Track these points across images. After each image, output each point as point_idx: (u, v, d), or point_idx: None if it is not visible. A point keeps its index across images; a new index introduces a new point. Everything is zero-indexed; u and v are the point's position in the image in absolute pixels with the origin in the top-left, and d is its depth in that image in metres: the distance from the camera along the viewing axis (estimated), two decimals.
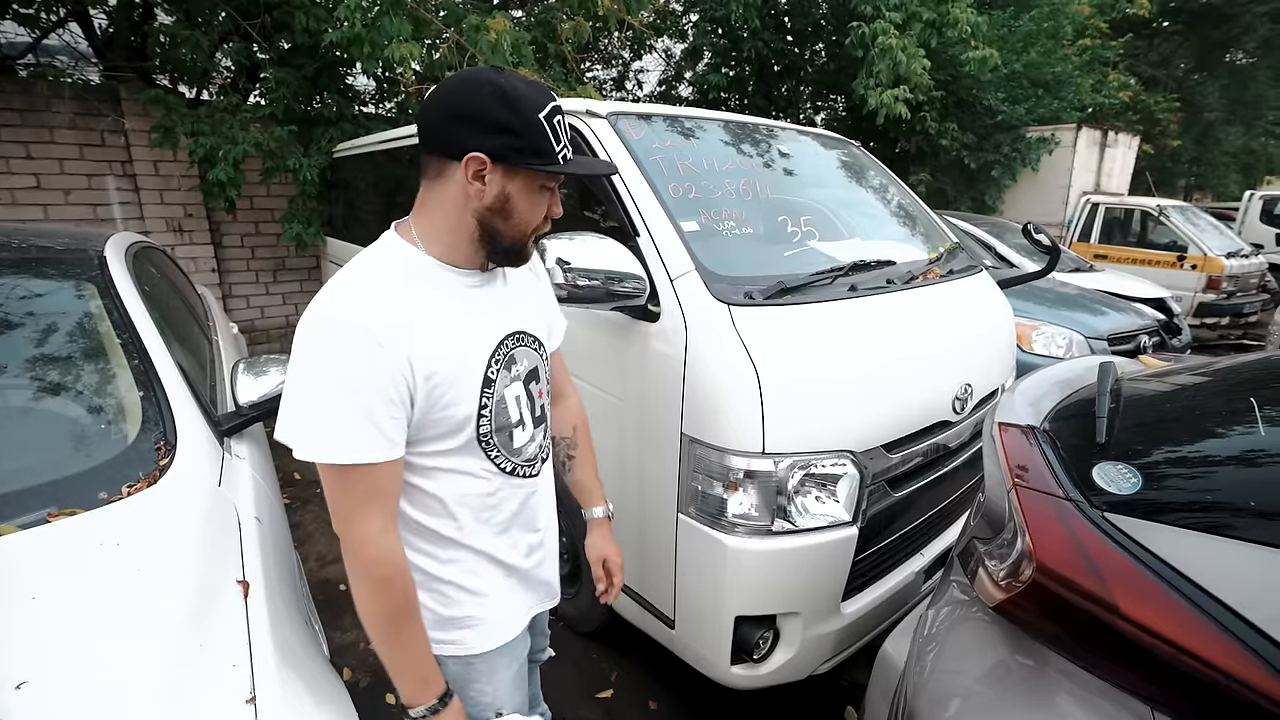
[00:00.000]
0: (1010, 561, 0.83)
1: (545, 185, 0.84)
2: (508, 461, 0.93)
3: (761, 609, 1.48)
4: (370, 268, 0.82)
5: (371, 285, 0.79)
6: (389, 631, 0.82)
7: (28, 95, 3.86)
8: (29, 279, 1.52)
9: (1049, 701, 0.76)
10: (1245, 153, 14.55)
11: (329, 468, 0.77)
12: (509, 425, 0.92)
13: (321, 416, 0.75)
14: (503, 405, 0.90)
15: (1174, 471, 0.85)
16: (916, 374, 1.64)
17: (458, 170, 0.79)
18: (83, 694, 0.72)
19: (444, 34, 3.58)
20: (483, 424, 0.88)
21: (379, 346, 0.75)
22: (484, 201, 0.81)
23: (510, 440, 0.92)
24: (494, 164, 0.78)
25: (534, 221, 0.85)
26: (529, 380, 0.95)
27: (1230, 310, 6.28)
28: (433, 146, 0.81)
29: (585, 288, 1.39)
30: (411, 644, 0.84)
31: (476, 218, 0.82)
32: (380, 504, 0.80)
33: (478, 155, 0.77)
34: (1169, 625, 0.62)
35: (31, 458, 1.15)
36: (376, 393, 0.75)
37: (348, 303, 0.77)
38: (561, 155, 0.81)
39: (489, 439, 0.89)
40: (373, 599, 0.81)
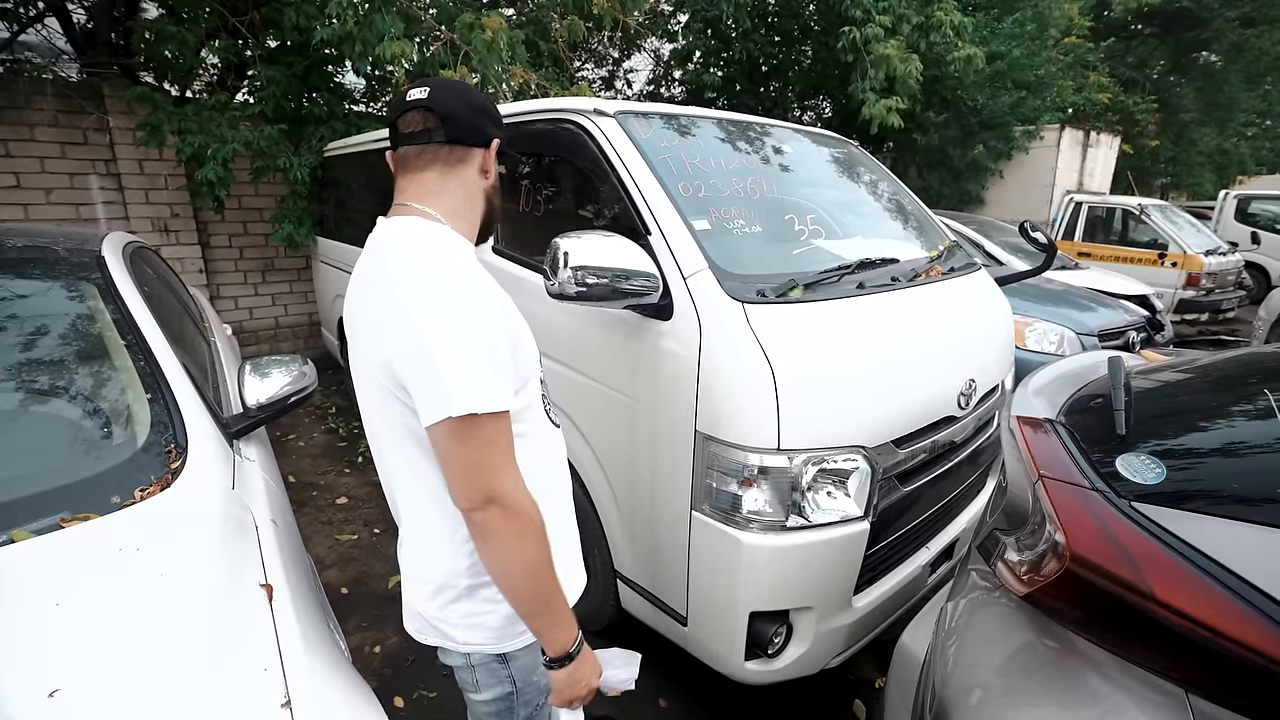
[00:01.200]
0: (1038, 551, 0.85)
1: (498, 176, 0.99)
2: (552, 409, 1.02)
3: (776, 604, 1.49)
4: (443, 238, 0.88)
5: (456, 251, 0.86)
6: (549, 577, 0.84)
7: (6, 92, 3.76)
8: (28, 281, 1.48)
9: (1081, 684, 0.77)
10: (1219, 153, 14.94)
11: (487, 423, 0.77)
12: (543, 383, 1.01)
13: (475, 370, 0.77)
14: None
15: (1197, 461, 0.87)
16: (923, 370, 1.66)
17: (478, 157, 0.93)
18: (116, 701, 0.71)
19: (436, 32, 3.55)
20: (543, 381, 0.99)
21: (496, 306, 0.83)
22: (491, 181, 0.96)
23: (542, 383, 1.00)
24: (498, 151, 0.95)
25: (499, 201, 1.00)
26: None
27: (1209, 306, 6.44)
28: (460, 136, 0.90)
29: (596, 286, 1.39)
30: (559, 589, 0.87)
31: (486, 197, 0.96)
32: (513, 455, 0.83)
33: (495, 141, 0.94)
34: (1205, 609, 0.64)
35: (40, 462, 1.13)
36: (503, 345, 0.82)
37: (453, 267, 0.82)
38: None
39: (544, 388, 0.99)
40: (540, 545, 0.82)
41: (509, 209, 2.08)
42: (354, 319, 0.92)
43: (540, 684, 1.02)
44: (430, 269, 0.81)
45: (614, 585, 1.86)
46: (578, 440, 1.81)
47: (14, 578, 0.88)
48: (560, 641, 0.88)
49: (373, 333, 0.85)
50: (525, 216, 2.03)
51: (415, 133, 0.89)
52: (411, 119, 0.90)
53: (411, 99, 0.89)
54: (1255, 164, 15.79)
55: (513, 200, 2.10)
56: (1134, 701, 0.74)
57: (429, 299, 0.78)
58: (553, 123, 1.84)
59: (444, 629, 0.94)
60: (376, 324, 0.84)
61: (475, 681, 0.99)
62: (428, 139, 0.89)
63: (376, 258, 0.89)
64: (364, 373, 0.89)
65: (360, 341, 0.90)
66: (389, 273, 0.84)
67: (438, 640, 0.97)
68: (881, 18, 5.44)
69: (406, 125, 0.90)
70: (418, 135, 0.89)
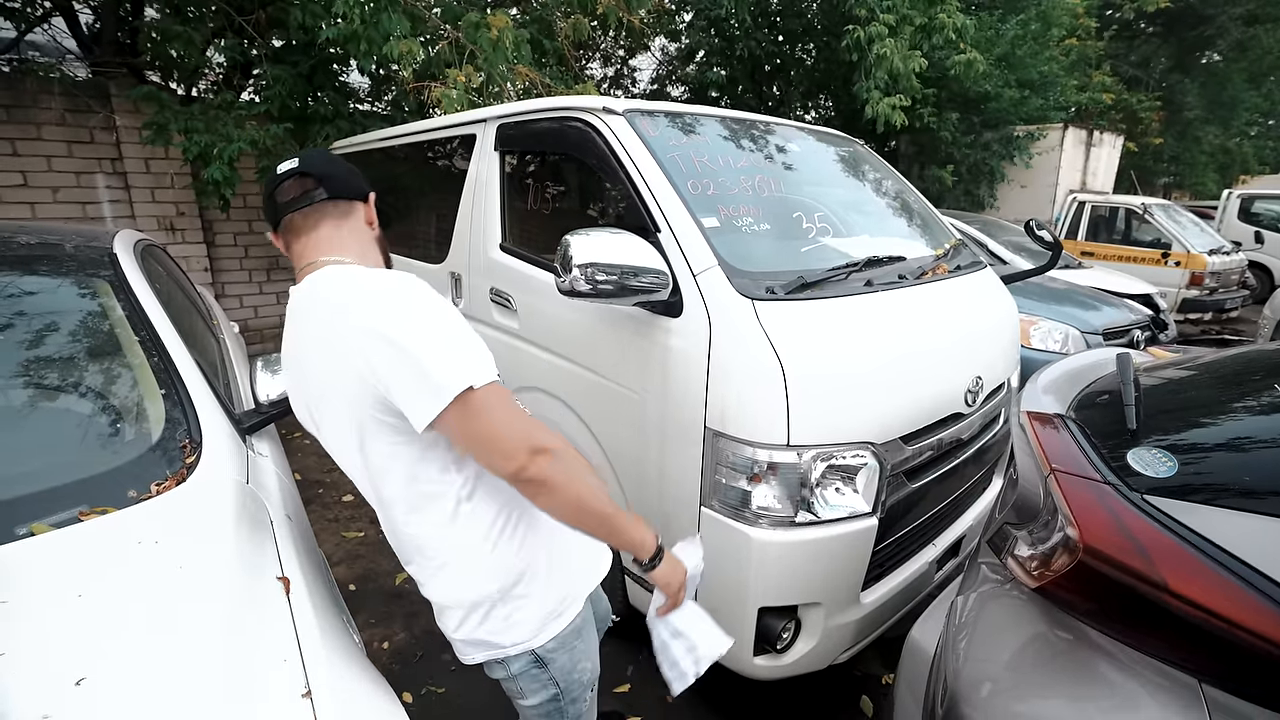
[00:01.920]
0: (1050, 545, 0.85)
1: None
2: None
3: (784, 600, 1.49)
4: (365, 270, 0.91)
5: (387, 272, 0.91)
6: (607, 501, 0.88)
7: (14, 91, 3.78)
8: (42, 278, 1.49)
9: (1094, 675, 0.78)
10: (1222, 152, 14.91)
11: (491, 392, 0.80)
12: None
13: (458, 352, 0.81)
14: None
15: (1208, 454, 0.88)
16: (930, 367, 1.67)
17: (360, 209, 1.00)
18: (141, 690, 0.72)
19: (441, 30, 3.56)
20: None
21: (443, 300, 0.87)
22: (377, 233, 1.03)
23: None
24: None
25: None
26: None
27: (1213, 306, 6.44)
28: (340, 191, 0.96)
29: (605, 283, 1.40)
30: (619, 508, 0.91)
31: (379, 247, 1.03)
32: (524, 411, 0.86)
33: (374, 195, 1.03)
34: (1218, 600, 0.65)
35: (57, 457, 1.14)
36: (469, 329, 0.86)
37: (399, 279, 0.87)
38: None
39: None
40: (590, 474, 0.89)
41: (517, 207, 2.09)
42: (304, 381, 0.92)
43: (583, 679, 1.07)
44: (371, 286, 0.85)
45: (621, 580, 1.87)
46: (586, 437, 1.82)
47: (37, 570, 0.89)
48: (648, 544, 0.95)
49: (332, 378, 0.86)
50: (533, 215, 2.04)
51: (296, 198, 0.93)
52: (289, 188, 0.94)
53: (283, 171, 0.95)
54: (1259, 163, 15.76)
55: (521, 198, 2.11)
56: (1147, 691, 0.74)
57: (384, 308, 0.81)
58: (560, 121, 1.85)
59: (487, 639, 0.98)
60: (333, 367, 0.85)
61: (520, 689, 1.05)
62: (310, 200, 0.93)
63: (308, 309, 0.90)
64: (336, 426, 0.90)
65: (320, 397, 0.90)
66: (331, 306, 0.86)
67: (484, 655, 1.01)
68: (885, 16, 5.44)
69: (285, 194, 0.94)
70: (299, 200, 0.93)
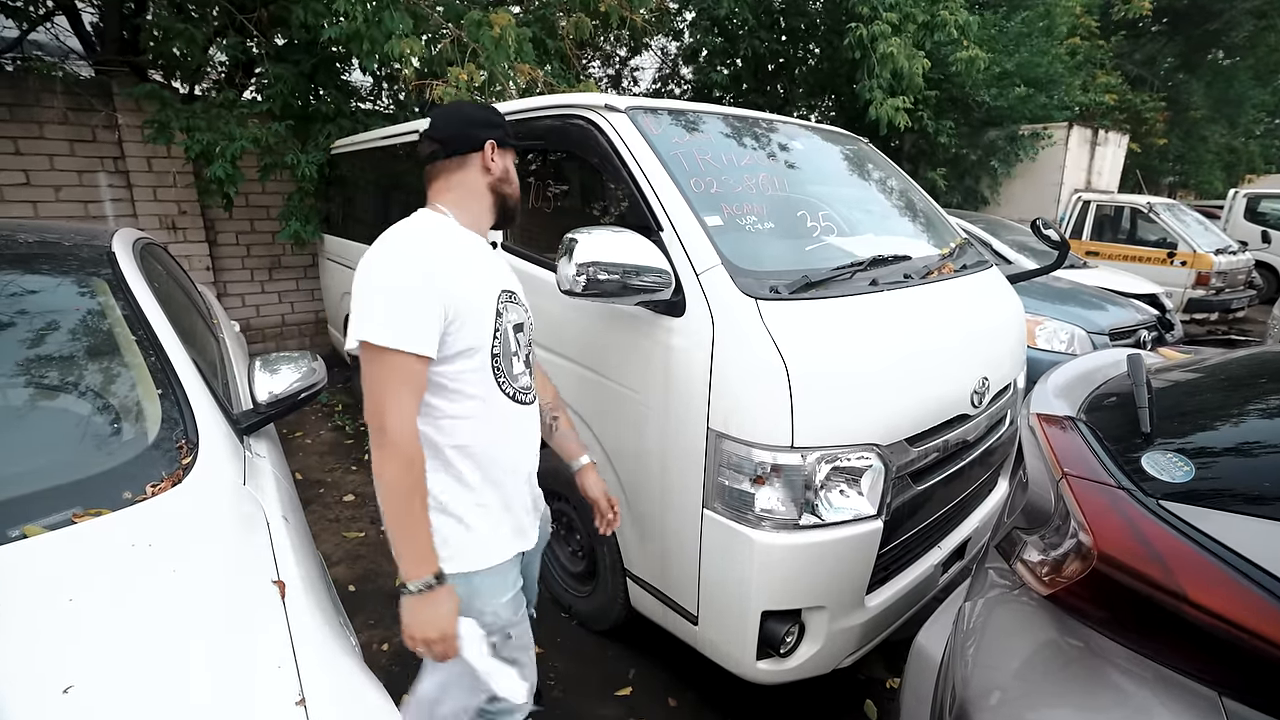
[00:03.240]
0: (1062, 551, 0.83)
1: (514, 160, 1.21)
2: (509, 385, 1.16)
3: (788, 603, 1.47)
4: (422, 223, 1.10)
5: (425, 232, 1.08)
6: (405, 506, 0.99)
7: (16, 90, 3.77)
8: (39, 276, 1.48)
9: (1106, 685, 0.76)
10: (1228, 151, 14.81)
11: (379, 353, 0.97)
12: (509, 353, 1.16)
13: (382, 312, 0.98)
14: (505, 336, 1.14)
15: (1227, 459, 0.86)
16: (936, 368, 1.64)
17: (478, 157, 1.15)
18: (131, 698, 0.70)
19: (444, 29, 3.54)
20: (495, 345, 1.11)
21: (430, 273, 1.01)
22: (495, 174, 1.16)
23: (511, 367, 1.16)
24: (499, 147, 1.15)
25: (517, 191, 1.21)
26: (517, 330, 1.20)
27: (1219, 306, 6.38)
28: (455, 147, 1.14)
29: (607, 282, 1.38)
30: (419, 523, 1.01)
31: (491, 190, 1.17)
32: (413, 394, 1.01)
33: (492, 140, 1.14)
34: (1240, 610, 0.63)
35: (51, 457, 1.12)
36: (424, 303, 0.99)
37: (409, 240, 1.05)
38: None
39: (498, 362, 1.12)
40: (401, 474, 0.98)
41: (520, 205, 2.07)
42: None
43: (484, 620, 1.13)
44: (387, 238, 1.05)
45: (623, 583, 1.85)
46: (588, 437, 1.80)
47: (28, 573, 0.87)
48: (407, 571, 1.00)
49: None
50: (535, 213, 2.02)
51: (426, 156, 1.16)
52: (423, 146, 1.16)
53: (421, 131, 1.17)
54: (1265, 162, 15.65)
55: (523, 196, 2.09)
56: (1162, 702, 0.72)
57: (371, 256, 1.02)
58: (563, 118, 1.83)
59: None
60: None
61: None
62: (434, 159, 1.15)
63: None
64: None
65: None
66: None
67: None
68: (889, 14, 5.41)
69: (421, 152, 1.17)
70: (427, 159, 1.16)
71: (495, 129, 1.15)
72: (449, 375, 1.07)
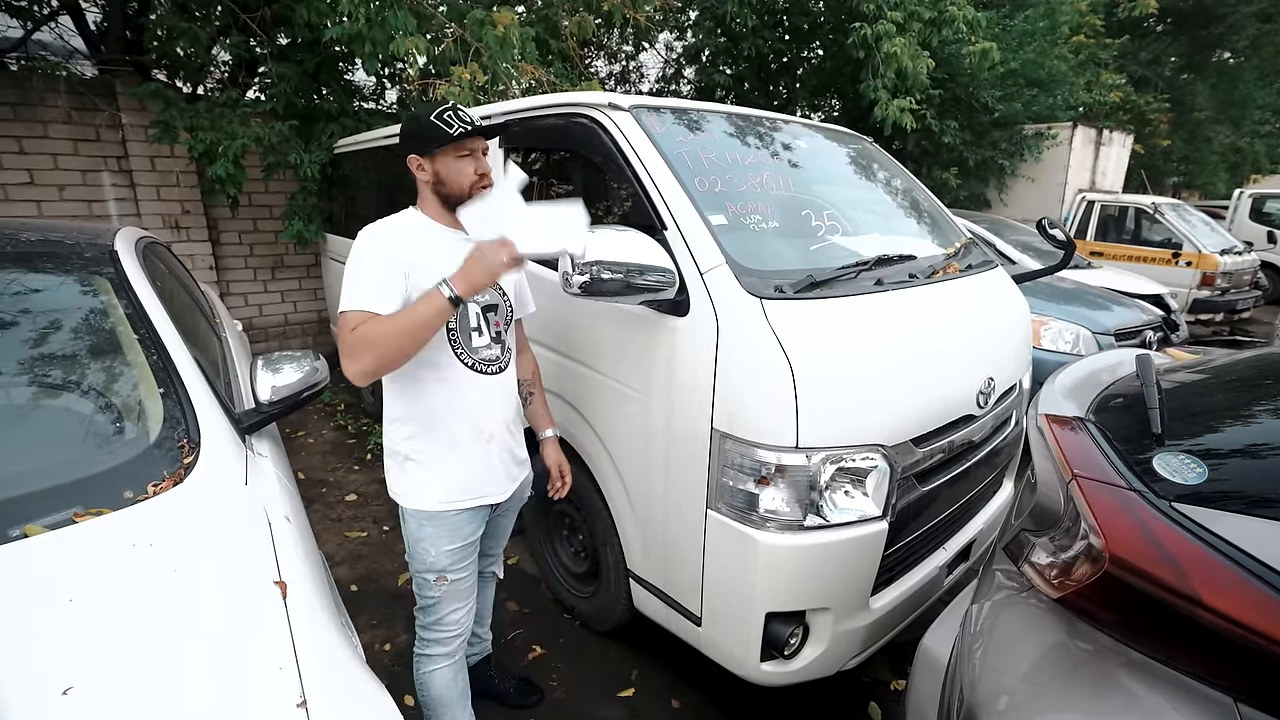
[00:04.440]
0: (1072, 553, 0.82)
1: (460, 154, 1.27)
2: (468, 356, 1.32)
3: (792, 605, 1.46)
4: (393, 217, 1.31)
5: (393, 224, 1.29)
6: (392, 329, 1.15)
7: (20, 89, 3.77)
8: (42, 275, 1.48)
9: (1117, 689, 0.75)
10: (1233, 151, 14.74)
11: (349, 319, 1.18)
12: (467, 328, 1.32)
13: (355, 287, 1.19)
14: (463, 311, 1.31)
15: (1240, 460, 0.84)
16: (942, 368, 1.63)
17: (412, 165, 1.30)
18: (131, 699, 0.70)
19: (446, 28, 3.54)
20: (451, 321, 1.26)
21: (388, 253, 1.22)
22: (427, 180, 1.29)
23: (469, 339, 1.32)
24: (420, 157, 1.28)
25: (465, 181, 1.28)
26: (487, 310, 1.35)
27: (1224, 307, 6.35)
28: (401, 155, 1.31)
29: (610, 281, 1.37)
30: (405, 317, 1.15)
31: (433, 191, 1.30)
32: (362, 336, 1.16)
33: (410, 156, 1.29)
34: (1257, 615, 0.62)
35: (52, 457, 1.12)
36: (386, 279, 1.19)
37: (378, 231, 1.25)
38: (456, 132, 1.23)
39: (454, 335, 1.30)
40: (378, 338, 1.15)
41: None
42: None
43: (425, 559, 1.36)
44: (363, 233, 1.25)
45: (626, 584, 1.84)
46: (590, 437, 1.79)
47: (28, 573, 0.87)
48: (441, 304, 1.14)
49: None
50: None
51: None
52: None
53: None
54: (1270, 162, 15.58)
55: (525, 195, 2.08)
56: (1174, 707, 0.71)
57: (352, 251, 1.24)
58: (566, 117, 1.82)
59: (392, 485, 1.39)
60: None
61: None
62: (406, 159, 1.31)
63: None
64: None
65: None
66: None
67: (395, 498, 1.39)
68: (893, 13, 5.39)
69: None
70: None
71: (413, 142, 1.27)
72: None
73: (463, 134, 1.24)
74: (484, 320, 1.34)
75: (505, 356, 1.39)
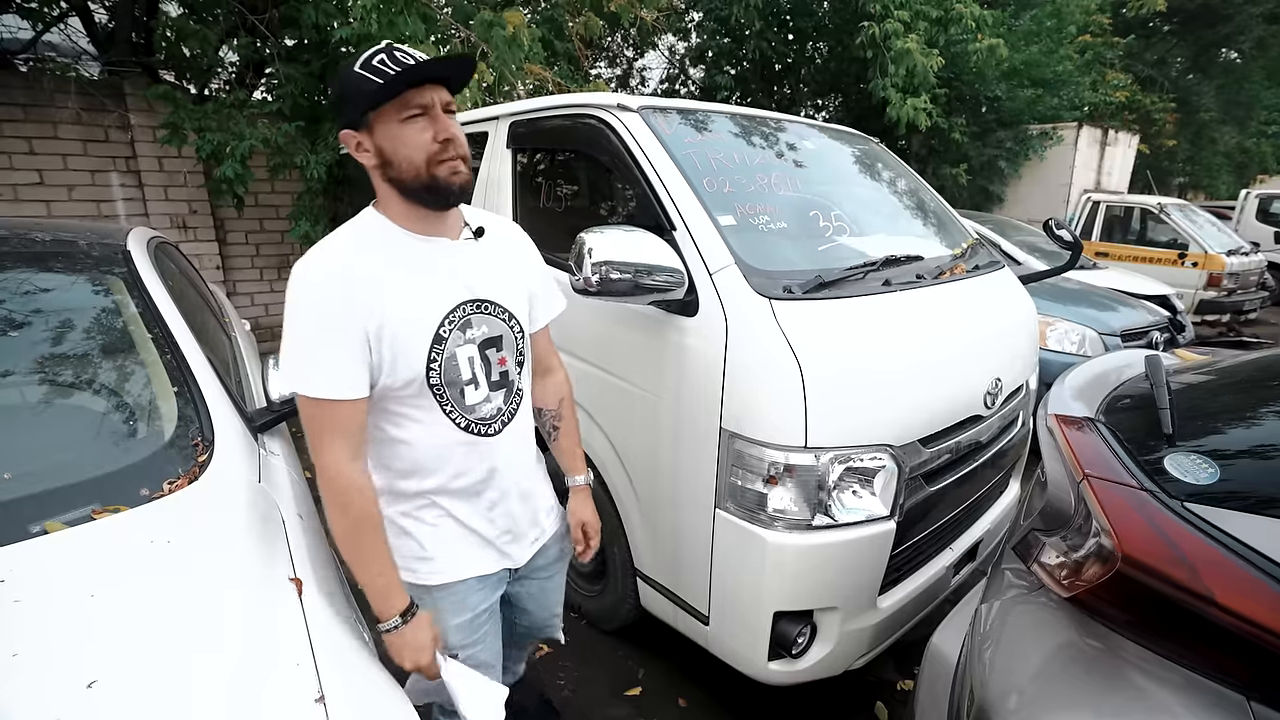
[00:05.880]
0: (1083, 553, 0.83)
1: (405, 117, 0.87)
2: (461, 417, 1.01)
3: (800, 604, 1.47)
4: (349, 233, 0.94)
5: (339, 247, 0.91)
6: (351, 544, 0.94)
7: (31, 90, 3.81)
8: (56, 275, 1.49)
9: (1128, 687, 0.75)
10: (1239, 152, 14.68)
11: (302, 399, 0.89)
12: (459, 381, 0.99)
13: (299, 354, 0.88)
14: (453, 362, 0.97)
15: (1252, 460, 0.85)
16: (950, 369, 1.64)
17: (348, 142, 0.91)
18: (154, 693, 0.71)
19: (452, 29, 3.55)
20: (432, 376, 0.96)
21: (348, 299, 0.87)
22: (374, 163, 0.91)
23: (462, 396, 1.00)
24: (355, 131, 0.89)
25: (417, 154, 0.88)
26: (487, 346, 1.02)
27: (1231, 307, 6.33)
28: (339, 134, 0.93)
29: (620, 281, 1.38)
30: (374, 559, 0.94)
31: (383, 178, 0.91)
32: (345, 436, 0.91)
33: (343, 133, 0.90)
34: (1270, 614, 0.62)
35: (71, 455, 1.13)
36: (343, 339, 0.87)
37: (316, 263, 0.89)
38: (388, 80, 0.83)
39: (441, 392, 0.98)
40: (338, 517, 0.93)
41: (530, 205, 2.07)
42: None
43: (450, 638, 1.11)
44: (297, 266, 0.90)
45: (634, 583, 1.85)
46: (599, 437, 1.80)
47: (50, 569, 0.88)
48: (375, 609, 0.96)
49: None
50: (546, 213, 2.02)
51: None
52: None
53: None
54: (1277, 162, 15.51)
55: (533, 197, 2.09)
56: (1186, 705, 0.71)
57: (288, 290, 0.89)
58: (574, 118, 1.83)
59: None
60: None
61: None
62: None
63: None
64: None
65: None
66: None
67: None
68: (900, 12, 5.39)
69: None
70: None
71: (342, 111, 0.89)
72: (388, 400, 0.97)
73: (399, 81, 0.83)
74: (483, 365, 1.02)
75: (514, 401, 1.08)
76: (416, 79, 0.85)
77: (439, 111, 0.89)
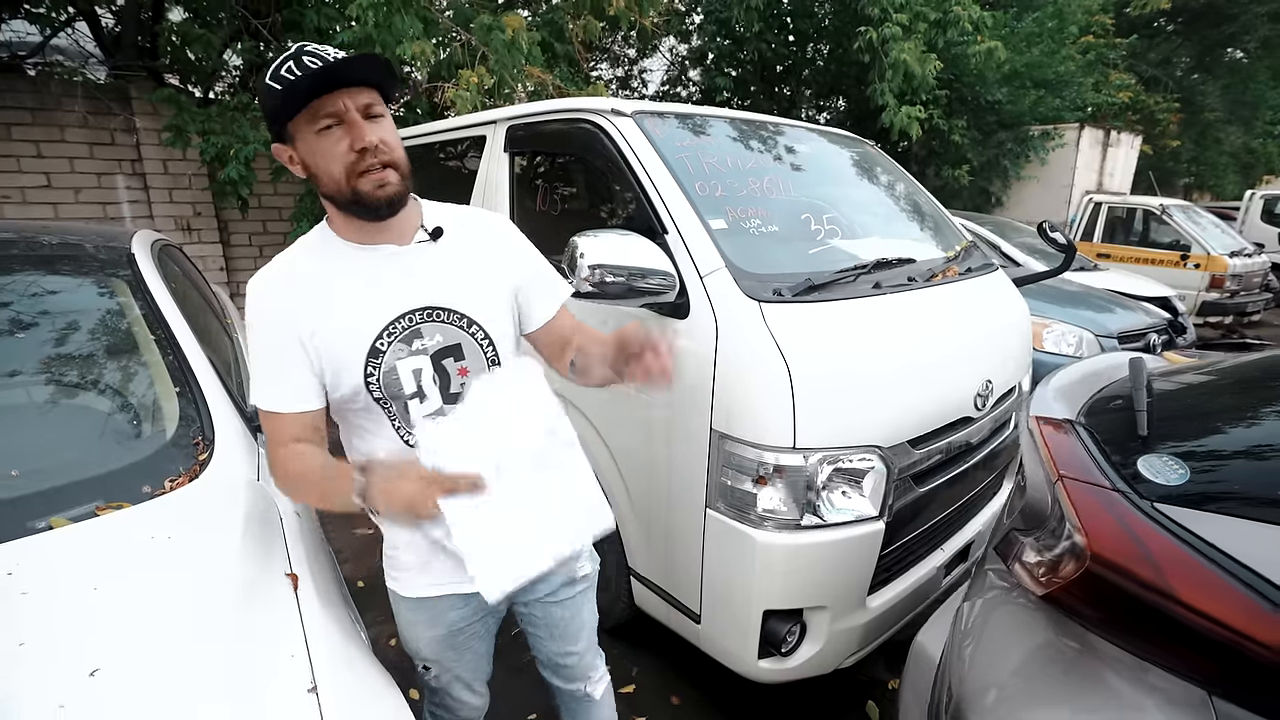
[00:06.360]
0: (1057, 552, 0.85)
1: (319, 129, 0.81)
2: (408, 434, 0.95)
3: (789, 603, 1.49)
4: (296, 247, 0.94)
5: (286, 263, 0.92)
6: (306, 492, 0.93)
7: (39, 94, 3.86)
8: (62, 277, 1.53)
9: (1101, 685, 0.77)
10: (1244, 152, 14.61)
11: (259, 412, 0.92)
12: (401, 396, 0.93)
13: (251, 366, 0.91)
14: (393, 376, 0.91)
15: (1221, 462, 0.87)
16: (939, 371, 1.65)
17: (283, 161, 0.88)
18: (153, 682, 0.73)
19: (452, 32, 3.59)
20: (372, 389, 0.91)
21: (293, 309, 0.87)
22: (303, 176, 0.88)
23: (406, 411, 0.94)
24: (284, 145, 0.85)
25: (334, 167, 0.83)
26: (442, 356, 0.94)
27: (1234, 309, 6.31)
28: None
29: (612, 284, 1.40)
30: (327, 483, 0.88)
31: (320, 193, 0.89)
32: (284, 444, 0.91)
33: (274, 147, 0.87)
34: (1229, 611, 0.64)
35: (75, 453, 1.16)
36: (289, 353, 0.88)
37: (263, 280, 0.90)
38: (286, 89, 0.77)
39: (387, 405, 0.93)
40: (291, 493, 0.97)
41: (527, 208, 2.10)
42: None
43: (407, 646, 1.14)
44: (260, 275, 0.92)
45: (627, 582, 1.87)
46: (593, 437, 1.82)
47: (55, 562, 0.91)
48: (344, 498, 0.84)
49: None
50: (542, 215, 2.05)
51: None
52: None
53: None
54: None
55: (530, 199, 2.12)
56: (1155, 702, 0.73)
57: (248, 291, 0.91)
58: (569, 122, 1.86)
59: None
60: None
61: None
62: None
63: None
64: None
65: None
66: None
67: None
68: (899, 15, 5.40)
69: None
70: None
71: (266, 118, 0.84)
72: (345, 411, 0.96)
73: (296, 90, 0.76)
74: (435, 377, 0.93)
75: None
76: (321, 85, 0.77)
77: (354, 117, 0.81)
